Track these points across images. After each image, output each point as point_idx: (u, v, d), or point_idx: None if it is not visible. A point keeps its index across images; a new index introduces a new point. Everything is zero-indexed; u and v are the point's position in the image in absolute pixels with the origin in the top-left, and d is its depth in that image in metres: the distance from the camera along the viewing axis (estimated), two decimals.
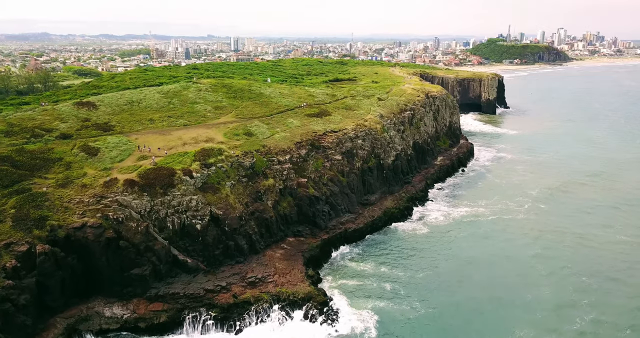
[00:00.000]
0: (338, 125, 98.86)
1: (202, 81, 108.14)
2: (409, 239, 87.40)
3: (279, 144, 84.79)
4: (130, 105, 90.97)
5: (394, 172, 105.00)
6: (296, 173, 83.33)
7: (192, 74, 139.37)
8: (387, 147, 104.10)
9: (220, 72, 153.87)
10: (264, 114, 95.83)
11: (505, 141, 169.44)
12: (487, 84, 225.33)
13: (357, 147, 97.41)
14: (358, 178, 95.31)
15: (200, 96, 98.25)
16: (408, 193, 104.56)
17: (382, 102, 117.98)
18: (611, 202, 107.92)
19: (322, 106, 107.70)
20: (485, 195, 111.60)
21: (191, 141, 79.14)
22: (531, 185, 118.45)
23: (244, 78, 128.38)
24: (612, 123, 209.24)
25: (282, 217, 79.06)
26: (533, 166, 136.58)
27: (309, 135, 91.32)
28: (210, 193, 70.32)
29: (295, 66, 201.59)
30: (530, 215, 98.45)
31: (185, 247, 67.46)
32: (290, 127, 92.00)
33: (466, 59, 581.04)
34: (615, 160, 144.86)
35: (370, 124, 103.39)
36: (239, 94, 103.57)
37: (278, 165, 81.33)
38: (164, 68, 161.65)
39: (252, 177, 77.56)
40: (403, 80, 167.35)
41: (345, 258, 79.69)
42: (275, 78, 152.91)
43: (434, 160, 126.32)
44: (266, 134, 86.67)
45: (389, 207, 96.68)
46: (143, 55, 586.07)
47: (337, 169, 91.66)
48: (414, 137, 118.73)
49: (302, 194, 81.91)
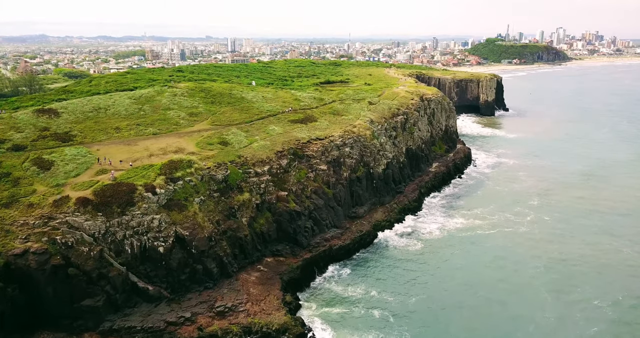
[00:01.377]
0: (324, 131, 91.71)
1: (179, 85, 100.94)
2: (400, 257, 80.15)
3: (257, 153, 77.60)
4: (97, 112, 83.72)
5: (384, 181, 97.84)
6: (275, 186, 76.13)
7: (174, 77, 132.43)
8: (377, 155, 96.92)
9: (205, 74, 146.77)
10: (243, 120, 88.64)
11: (504, 145, 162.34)
12: (486, 85, 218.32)
13: (345, 156, 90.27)
14: (345, 190, 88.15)
15: (175, 101, 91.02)
16: (400, 204, 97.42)
17: (373, 106, 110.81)
18: (618, 211, 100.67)
19: (308, 111, 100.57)
20: (483, 204, 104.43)
21: (159, 152, 71.94)
22: (533, 194, 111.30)
23: (228, 81, 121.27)
24: (614, 124, 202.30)
25: (259, 235, 71.87)
26: (534, 172, 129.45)
27: (292, 144, 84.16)
28: (175, 212, 63.10)
29: (286, 68, 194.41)
30: (532, 228, 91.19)
31: (147, 272, 60.23)
32: (272, 135, 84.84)
33: (464, 59, 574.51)
34: (621, 164, 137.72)
35: (359, 130, 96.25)
36: (217, 98, 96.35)
37: (255, 177, 74.13)
38: (146, 70, 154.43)
39: (225, 191, 70.37)
40: (397, 82, 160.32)
41: (329, 281, 72.44)
42: (263, 80, 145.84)
43: (429, 167, 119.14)
44: (244, 142, 79.49)
45: (379, 220, 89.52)
46: (138, 56, 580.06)
47: (322, 180, 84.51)
48: (407, 143, 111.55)
49: (281, 209, 74.72)
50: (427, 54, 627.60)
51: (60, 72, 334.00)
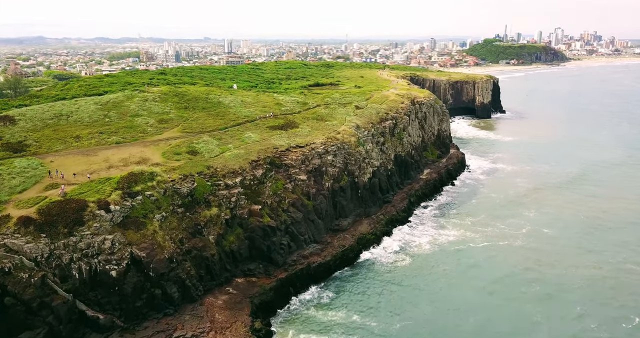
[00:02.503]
0: (305, 138, 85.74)
1: (151, 89, 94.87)
2: (386, 275, 74.05)
3: (229, 163, 71.57)
4: (58, 119, 77.70)
5: (370, 191, 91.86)
6: (248, 199, 70.08)
7: (155, 80, 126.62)
8: (363, 163, 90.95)
9: (188, 77, 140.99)
10: (217, 127, 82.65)
11: (500, 149, 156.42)
12: (482, 86, 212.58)
13: (327, 164, 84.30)
14: (327, 201, 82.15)
15: (145, 107, 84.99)
16: (387, 214, 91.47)
17: (360, 111, 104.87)
18: (622, 222, 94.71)
19: (290, 116, 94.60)
20: (477, 214, 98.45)
21: (119, 163, 65.93)
22: (529, 202, 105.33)
23: (208, 84, 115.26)
24: (613, 126, 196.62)
25: (229, 254, 65.84)
26: (531, 177, 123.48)
27: (269, 152, 78.16)
28: (132, 231, 57.08)
29: (276, 70, 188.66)
30: (529, 242, 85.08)
31: (97, 299, 54.19)
32: (247, 143, 78.86)
33: (462, 59, 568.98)
34: (622, 169, 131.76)
35: (343, 136, 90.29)
36: (192, 103, 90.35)
37: (225, 190, 68.10)
38: (127, 73, 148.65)
39: (191, 206, 64.37)
40: (389, 85, 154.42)
41: (306, 303, 66.36)
42: (249, 83, 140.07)
43: (420, 174, 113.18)
44: (215, 151, 73.49)
45: (364, 233, 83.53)
46: (132, 58, 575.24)
47: (302, 191, 78.51)
48: (396, 150, 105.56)
49: (254, 225, 68.68)
50: (425, 54, 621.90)
51: (50, 74, 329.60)
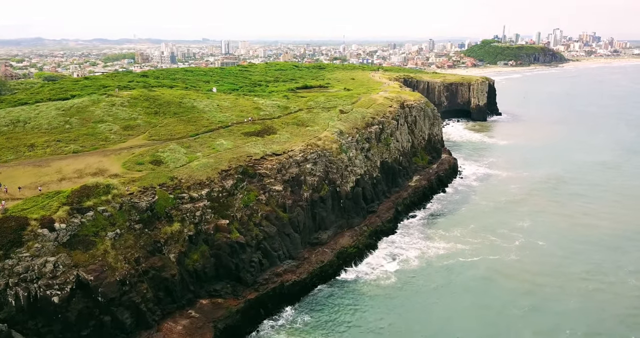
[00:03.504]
0: (283, 146, 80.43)
1: (121, 93, 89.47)
2: (368, 294, 68.63)
3: (196, 174, 66.22)
4: (14, 125, 72.42)
5: (353, 200, 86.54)
6: (216, 213, 64.72)
7: (134, 82, 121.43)
8: (345, 171, 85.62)
9: (170, 79, 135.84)
10: (187, 133, 77.30)
11: (495, 153, 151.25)
12: (477, 88, 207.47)
13: (306, 173, 78.97)
14: (305, 213, 76.79)
15: (111, 113, 79.68)
16: (372, 225, 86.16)
17: (345, 116, 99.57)
18: (621, 230, 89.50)
19: (269, 122, 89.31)
20: (468, 224, 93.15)
21: (73, 175, 60.58)
22: (523, 212, 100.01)
23: (186, 88, 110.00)
24: (611, 128, 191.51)
25: (192, 273, 60.48)
26: (525, 185, 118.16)
27: (242, 161, 72.81)
28: (79, 251, 51.72)
29: (265, 72, 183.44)
30: (522, 257, 79.60)
31: (37, 328, 48.79)
32: (218, 150, 73.51)
33: (460, 61, 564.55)
34: (620, 174, 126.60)
35: (324, 143, 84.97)
36: (163, 108, 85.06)
37: (189, 203, 62.74)
38: (107, 75, 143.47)
39: (151, 222, 59.01)
40: (380, 87, 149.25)
41: (278, 328, 60.92)
42: (234, 86, 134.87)
43: (409, 181, 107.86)
44: (181, 161, 68.14)
45: (346, 247, 78.19)
46: (128, 60, 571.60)
47: (277, 203, 73.16)
48: (382, 156, 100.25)
49: (221, 241, 63.34)
50: (422, 56, 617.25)
51: (40, 76, 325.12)
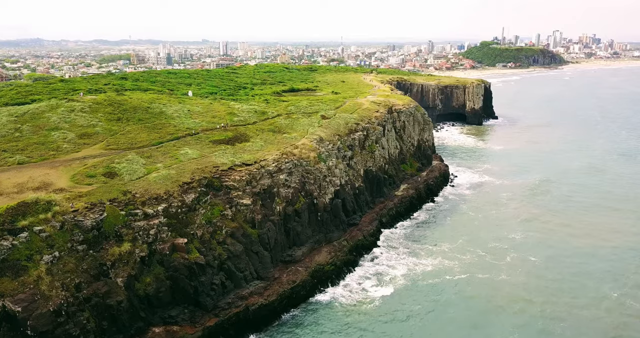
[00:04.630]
0: (255, 155, 74.67)
1: (84, 98, 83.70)
2: (345, 320, 62.41)
3: (153, 187, 60.45)
4: None
5: (332, 213, 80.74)
6: (173, 231, 58.92)
7: (110, 85, 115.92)
8: (323, 182, 79.85)
9: (149, 82, 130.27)
10: (150, 141, 71.54)
11: (489, 159, 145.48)
12: (472, 91, 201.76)
13: (279, 185, 73.19)
14: (278, 228, 70.99)
15: (68, 119, 73.92)
16: (352, 239, 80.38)
17: (327, 121, 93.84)
18: (621, 244, 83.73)
19: (242, 128, 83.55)
20: (456, 238, 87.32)
21: (13, 190, 54.80)
22: (515, 224, 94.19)
23: (160, 92, 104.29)
24: (611, 134, 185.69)
25: (143, 298, 54.65)
26: (519, 194, 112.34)
27: (207, 172, 67.05)
28: (7, 278, 45.93)
29: (252, 74, 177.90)
30: (513, 275, 73.56)
31: None
32: (181, 161, 67.75)
33: (458, 62, 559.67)
34: (620, 183, 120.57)
35: (301, 151, 79.21)
36: (128, 114, 79.33)
37: (143, 220, 56.94)
38: (85, 78, 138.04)
39: (97, 242, 53.21)
40: (370, 91, 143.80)
41: None
42: (215, 89, 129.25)
43: (396, 190, 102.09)
44: (138, 172, 62.37)
45: (322, 264, 72.38)
46: (123, 61, 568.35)
47: (245, 218, 67.33)
48: (366, 164, 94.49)
49: (178, 262, 57.51)
50: (421, 57, 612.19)
51: (30, 77, 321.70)
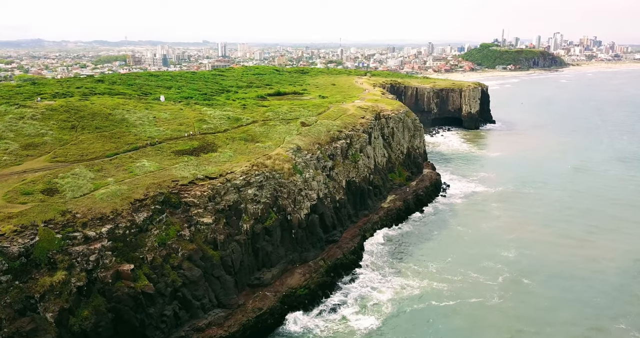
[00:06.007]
0: (221, 167, 68.05)
1: (40, 104, 77.14)
2: None
3: (99, 205, 53.83)
4: None
5: (308, 230, 74.07)
6: (118, 256, 52.28)
7: (83, 88, 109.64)
8: (299, 195, 73.19)
9: (126, 85, 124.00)
10: (104, 152, 64.92)
11: (484, 167, 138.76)
12: (469, 94, 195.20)
13: (247, 200, 66.57)
14: (244, 248, 64.36)
15: (15, 128, 67.33)
16: (331, 258, 73.77)
17: (306, 129, 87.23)
18: (624, 264, 77.14)
19: (211, 137, 76.94)
20: (445, 256, 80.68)
21: None
22: (509, 239, 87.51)
23: (130, 97, 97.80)
24: (612, 140, 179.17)
25: (79, 334, 47.99)
26: (513, 206, 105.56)
27: (164, 187, 60.43)
28: None
29: (240, 76, 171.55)
30: (506, 299, 66.79)
31: None
32: (137, 174, 61.16)
33: (457, 65, 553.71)
34: (623, 194, 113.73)
35: (274, 162, 72.60)
36: (84, 121, 72.71)
37: (83, 245, 50.30)
38: (58, 80, 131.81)
39: (25, 271, 46.56)
40: (359, 94, 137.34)
41: None
42: (196, 92, 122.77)
43: (382, 201, 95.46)
44: (84, 188, 55.79)
45: (294, 287, 65.79)
46: (119, 61, 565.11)
47: (205, 238, 60.70)
48: (349, 175, 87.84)
49: (122, 291, 50.87)
50: (420, 59, 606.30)
51: (21, 78, 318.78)
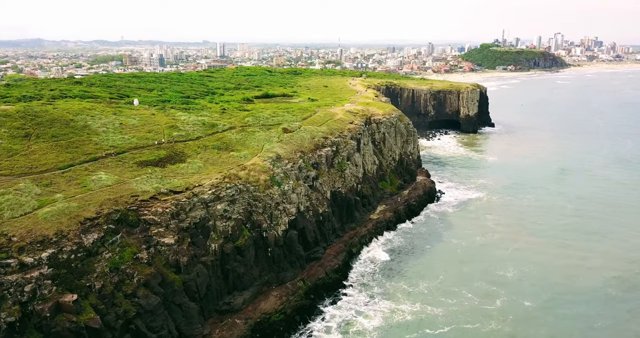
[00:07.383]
0: (188, 179, 61.83)
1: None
2: None
3: (41, 226, 47.61)
4: None
5: (287, 247, 67.81)
6: (60, 285, 46.02)
7: (57, 91, 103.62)
8: (276, 210, 66.92)
9: (104, 87, 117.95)
10: (56, 164, 58.69)
11: (482, 173, 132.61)
12: (467, 97, 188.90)
13: (216, 217, 60.36)
14: (212, 271, 58.15)
15: None
16: (311, 278, 67.64)
17: (288, 136, 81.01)
18: (633, 283, 71.03)
19: (181, 145, 70.68)
20: (437, 274, 74.55)
21: None
22: (507, 254, 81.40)
23: (101, 100, 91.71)
24: (615, 143, 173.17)
25: None
26: (510, 215, 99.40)
27: (121, 203, 54.22)
28: None
29: (229, 78, 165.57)
30: (505, 325, 60.74)
31: None
32: (91, 189, 54.97)
33: (457, 65, 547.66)
34: (628, 202, 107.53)
35: (249, 173, 66.39)
36: (40, 129, 66.46)
37: (17, 273, 44.05)
38: (33, 82, 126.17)
39: None
40: (350, 98, 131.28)
41: None
42: (179, 94, 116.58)
43: (370, 213, 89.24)
44: (26, 206, 49.58)
45: (269, 313, 59.66)
46: (115, 61, 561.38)
47: (167, 261, 54.48)
48: (334, 185, 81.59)
49: (62, 326, 44.61)
50: (419, 60, 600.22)
51: (11, 78, 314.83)
